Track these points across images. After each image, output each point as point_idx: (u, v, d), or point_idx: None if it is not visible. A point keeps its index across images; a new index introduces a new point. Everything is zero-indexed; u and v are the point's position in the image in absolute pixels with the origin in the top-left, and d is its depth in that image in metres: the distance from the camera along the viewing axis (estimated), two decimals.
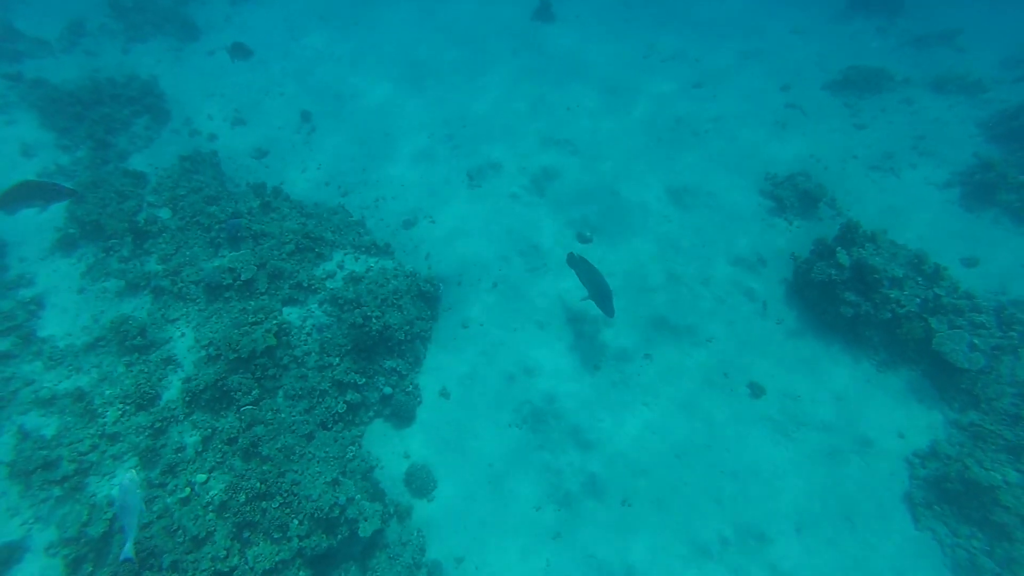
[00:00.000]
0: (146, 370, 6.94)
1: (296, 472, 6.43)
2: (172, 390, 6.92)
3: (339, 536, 6.08)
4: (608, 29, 15.76)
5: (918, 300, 7.83)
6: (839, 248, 8.24)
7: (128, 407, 6.57)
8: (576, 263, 7.52)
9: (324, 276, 8.47)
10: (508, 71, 13.72)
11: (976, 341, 7.54)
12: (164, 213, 9.15)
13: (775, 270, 9.21)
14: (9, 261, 8.42)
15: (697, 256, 9.37)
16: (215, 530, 5.82)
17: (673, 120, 12.04)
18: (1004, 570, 6.30)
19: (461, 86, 13.22)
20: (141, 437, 6.37)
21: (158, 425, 6.48)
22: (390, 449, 7.35)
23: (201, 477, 6.15)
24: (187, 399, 6.69)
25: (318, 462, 6.66)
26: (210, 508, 5.87)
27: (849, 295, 8.05)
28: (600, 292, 7.09)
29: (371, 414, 7.56)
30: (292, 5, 16.39)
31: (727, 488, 7.01)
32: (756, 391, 7.86)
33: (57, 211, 8.90)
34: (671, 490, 7.00)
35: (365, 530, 6.21)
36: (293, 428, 6.90)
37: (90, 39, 13.59)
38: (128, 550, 4.72)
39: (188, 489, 6.04)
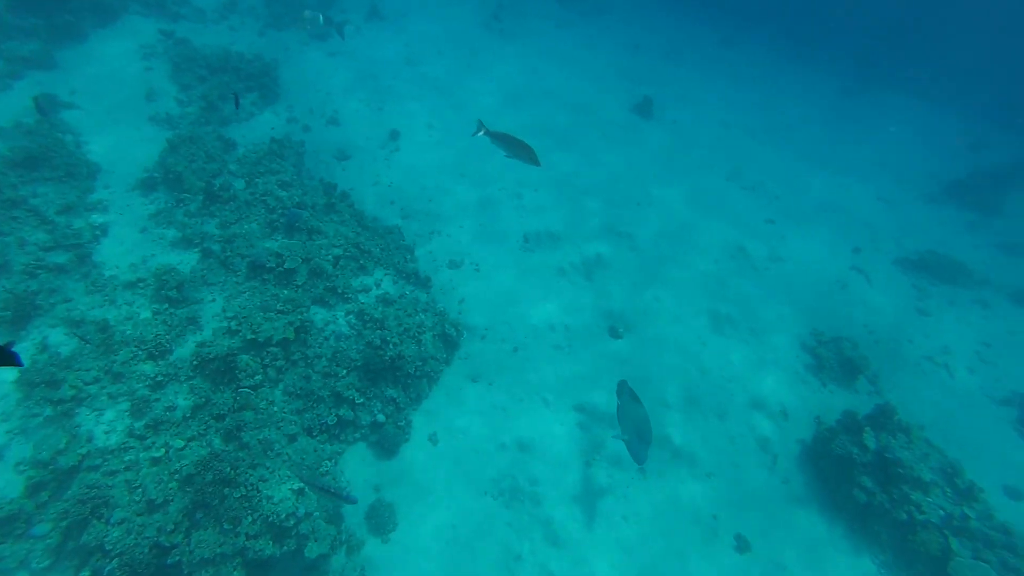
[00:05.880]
0: (169, 322, 7.16)
1: (267, 469, 6.39)
2: (185, 349, 7.10)
3: (285, 548, 5.93)
4: (699, 141, 16.24)
5: (942, 513, 7.31)
6: (868, 428, 7.90)
7: (141, 352, 6.76)
8: (624, 394, 6.69)
9: (360, 289, 8.68)
10: (591, 150, 14.21)
11: None
12: (239, 184, 9.68)
13: (795, 427, 8.86)
14: (96, 184, 9.03)
15: (722, 388, 9.14)
16: (172, 500, 5.79)
17: (736, 247, 12.09)
18: None
19: (548, 152, 13.73)
20: (141, 385, 6.51)
21: (160, 379, 6.62)
22: (363, 476, 7.23)
23: (179, 443, 6.18)
24: (195, 363, 6.83)
25: (291, 466, 6.61)
26: (176, 476, 5.86)
27: (866, 480, 7.63)
28: (640, 435, 6.22)
29: (357, 436, 7.51)
30: (417, 34, 17.71)
31: None
32: (742, 545, 7.41)
33: (151, 153, 9.61)
34: None
35: (312, 551, 6.06)
36: (280, 425, 6.91)
37: (237, 17, 14.99)
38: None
39: (163, 450, 6.07)
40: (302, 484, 6.37)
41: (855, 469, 7.74)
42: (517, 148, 6.52)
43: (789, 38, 28.37)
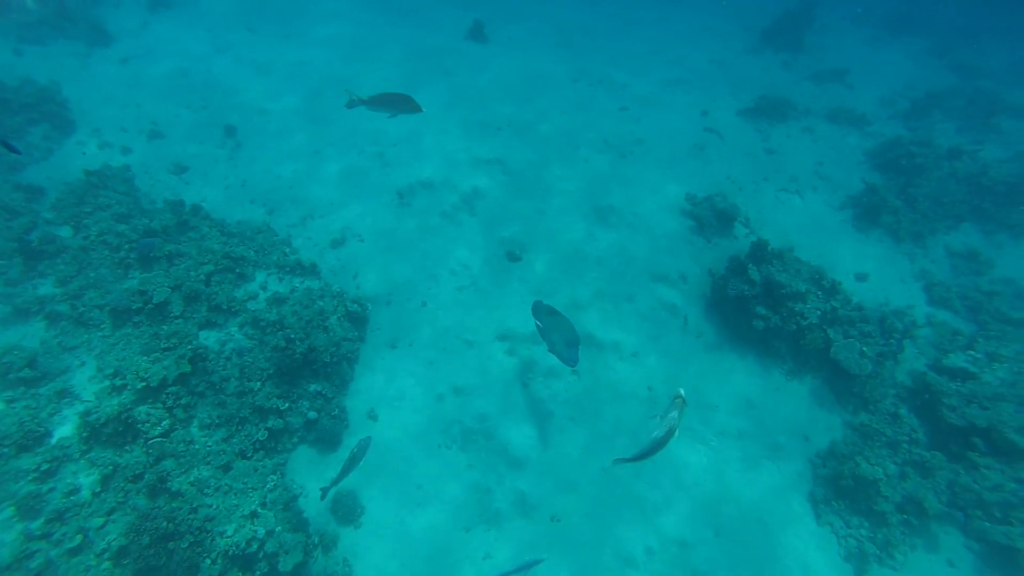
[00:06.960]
0: (33, 405, 6.34)
1: (210, 507, 6.07)
2: (67, 426, 6.36)
3: (257, 573, 5.79)
4: (539, 52, 16.27)
5: (818, 313, 8.50)
6: (751, 265, 8.82)
7: (6, 449, 5.94)
8: (540, 312, 6.70)
9: (246, 298, 8.13)
10: (440, 90, 13.81)
11: (865, 349, 8.30)
12: (65, 231, 8.51)
13: (695, 286, 9.71)
14: None
15: (622, 273, 9.73)
16: None
17: (601, 141, 12.52)
18: (882, 552, 7.00)
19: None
20: (22, 483, 5.77)
21: (46, 467, 5.91)
22: (315, 476, 7.07)
23: (97, 521, 5.65)
24: (85, 435, 6.17)
25: (235, 494, 6.33)
26: (106, 556, 5.40)
27: (760, 309, 8.61)
28: (567, 341, 6.30)
29: (295, 440, 7.27)
30: (216, 15, 15.82)
31: (650, 498, 7.25)
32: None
33: None
34: (597, 503, 7.15)
35: (286, 564, 5.95)
36: (208, 459, 6.53)
37: None
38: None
39: (80, 537, 5.53)
40: (253, 507, 6.15)
41: (749, 303, 8.69)
42: (396, 103, 6.76)
43: None
